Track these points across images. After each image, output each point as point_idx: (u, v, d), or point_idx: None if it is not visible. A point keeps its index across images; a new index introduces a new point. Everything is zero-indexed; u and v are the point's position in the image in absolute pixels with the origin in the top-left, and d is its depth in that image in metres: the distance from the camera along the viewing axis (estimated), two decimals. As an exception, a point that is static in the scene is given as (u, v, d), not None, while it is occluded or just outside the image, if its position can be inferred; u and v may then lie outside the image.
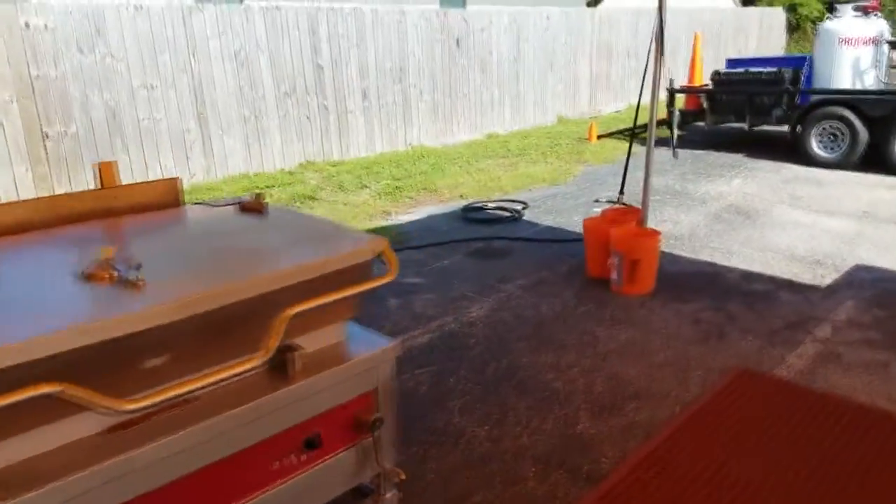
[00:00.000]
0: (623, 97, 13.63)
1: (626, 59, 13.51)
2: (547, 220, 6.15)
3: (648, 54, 4.40)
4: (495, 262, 5.05)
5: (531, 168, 8.34)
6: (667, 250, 5.13)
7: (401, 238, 5.63)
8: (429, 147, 9.64)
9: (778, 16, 18.24)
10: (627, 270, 4.28)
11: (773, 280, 4.45)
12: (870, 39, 7.85)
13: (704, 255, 5.01)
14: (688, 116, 9.22)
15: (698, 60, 9.54)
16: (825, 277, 4.46)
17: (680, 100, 9.54)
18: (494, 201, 6.77)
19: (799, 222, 5.76)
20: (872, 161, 7.44)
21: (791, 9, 19.02)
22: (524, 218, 6.26)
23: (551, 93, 11.92)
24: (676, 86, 9.24)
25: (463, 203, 6.70)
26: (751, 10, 18.24)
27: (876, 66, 7.91)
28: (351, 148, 8.90)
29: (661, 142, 9.58)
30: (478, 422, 2.92)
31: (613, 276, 4.35)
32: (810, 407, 3.01)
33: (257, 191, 3.79)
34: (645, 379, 3.23)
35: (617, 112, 13.24)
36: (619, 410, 2.97)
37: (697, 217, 6.06)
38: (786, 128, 8.25)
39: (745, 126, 8.54)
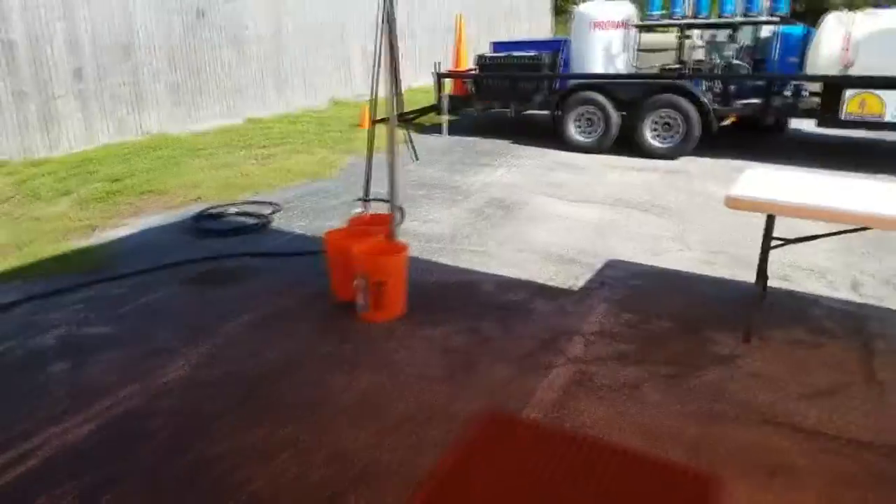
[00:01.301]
0: (413, 77, 13.14)
1: (403, 39, 12.99)
2: (300, 227, 5.33)
3: (377, 36, 3.73)
4: (222, 290, 4.11)
5: (291, 160, 7.42)
6: (426, 257, 4.60)
7: (107, 263, 4.45)
8: (171, 135, 8.25)
9: (544, -1, 19.06)
10: (374, 294, 3.63)
11: (528, 287, 4.11)
12: (620, 23, 8.06)
13: (464, 261, 4.55)
14: (457, 102, 8.91)
15: (463, 43, 9.26)
16: (579, 279, 4.22)
17: (450, 84, 9.22)
18: (239, 204, 5.78)
19: (557, 214, 5.60)
20: (626, 144, 7.69)
21: (555, -8, 19.99)
22: (273, 225, 5.38)
23: (322, 72, 11.02)
24: (443, 70, 8.86)
25: (198, 208, 5.62)
26: (520, -9, 18.79)
27: (626, 51, 8.17)
28: (62, 141, 7.25)
29: (434, 129, 9.22)
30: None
31: (360, 300, 3.68)
32: (563, 454, 2.59)
33: None
34: (372, 450, 2.59)
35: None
36: (333, 508, 2.28)
37: (461, 213, 5.66)
38: (548, 113, 8.26)
39: (511, 112, 8.41)
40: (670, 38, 8.40)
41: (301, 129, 8.99)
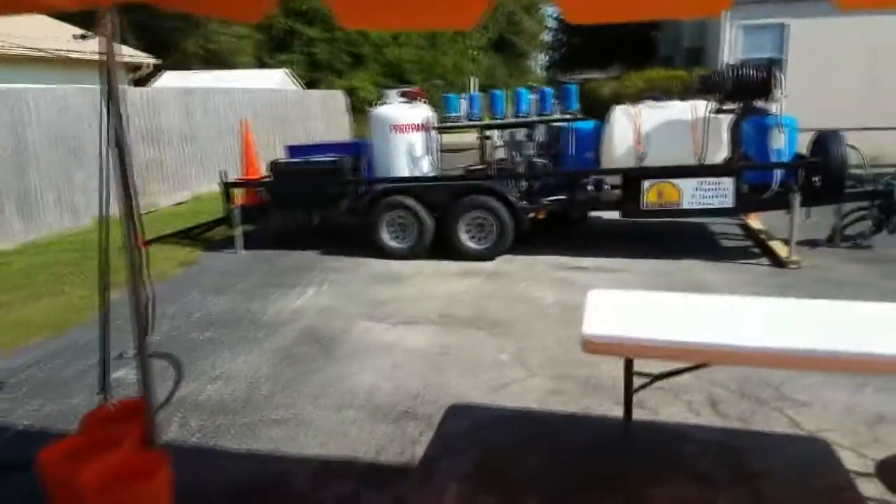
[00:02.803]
0: (184, 185, 11.77)
1: (182, 144, 11.72)
2: (29, 412, 3.84)
3: (102, 143, 2.65)
4: None
5: (30, 308, 5.77)
6: (208, 442, 3.43)
7: None
8: None
9: (339, 98, 18.94)
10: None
11: (354, 470, 3.13)
12: (419, 126, 7.74)
13: (265, 439, 3.45)
14: (252, 212, 7.87)
15: (251, 149, 8.34)
16: (417, 443, 3.34)
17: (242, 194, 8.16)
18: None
19: (383, 344, 4.75)
20: (442, 247, 7.18)
21: (350, 92, 20.07)
22: (-12, 413, 3.82)
23: (81, 186, 9.32)
24: (231, 178, 7.82)
25: None
26: (314, 92, 18.51)
27: (429, 153, 7.83)
28: None
29: (226, 244, 8.04)
30: None
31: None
32: None
33: None
34: None
35: (178, 205, 11.28)
36: None
37: (262, 359, 4.55)
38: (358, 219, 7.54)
39: (314, 220, 7.56)
40: (472, 138, 8.28)
41: (52, 261, 7.27)
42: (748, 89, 6.65)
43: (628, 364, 2.74)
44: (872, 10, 10.96)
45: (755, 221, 7.76)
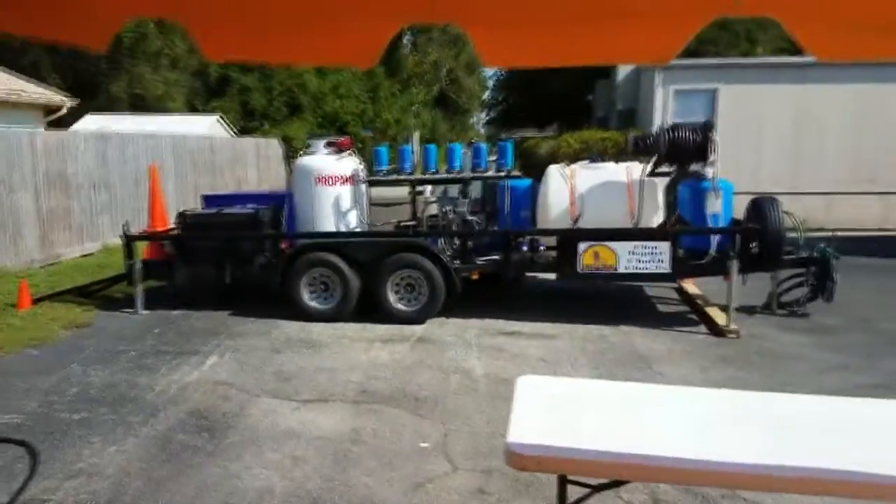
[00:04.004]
0: (94, 236, 10.83)
1: (92, 192, 10.84)
2: None
3: None
4: None
5: None
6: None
7: None
8: None
9: (274, 146, 18.37)
10: None
11: None
12: (347, 178, 7.26)
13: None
14: (156, 268, 7.12)
15: (159, 198, 7.65)
16: (310, 568, 2.72)
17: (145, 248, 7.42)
18: None
19: (284, 430, 4.10)
20: (369, 309, 6.62)
21: (287, 140, 19.54)
22: None
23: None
24: (134, 231, 7.09)
25: None
26: (246, 139, 17.89)
27: (357, 207, 7.34)
28: None
29: (128, 302, 7.22)
30: None
31: None
32: None
33: None
34: None
35: (85, 257, 10.33)
36: None
37: (137, 449, 3.83)
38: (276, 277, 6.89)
39: (226, 278, 6.87)
40: (403, 192, 7.85)
41: None
42: (683, 152, 6.51)
43: (562, 480, 2.25)
44: (845, 63, 11.41)
45: (691, 285, 7.57)
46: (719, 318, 6.28)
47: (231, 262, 6.82)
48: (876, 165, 12.31)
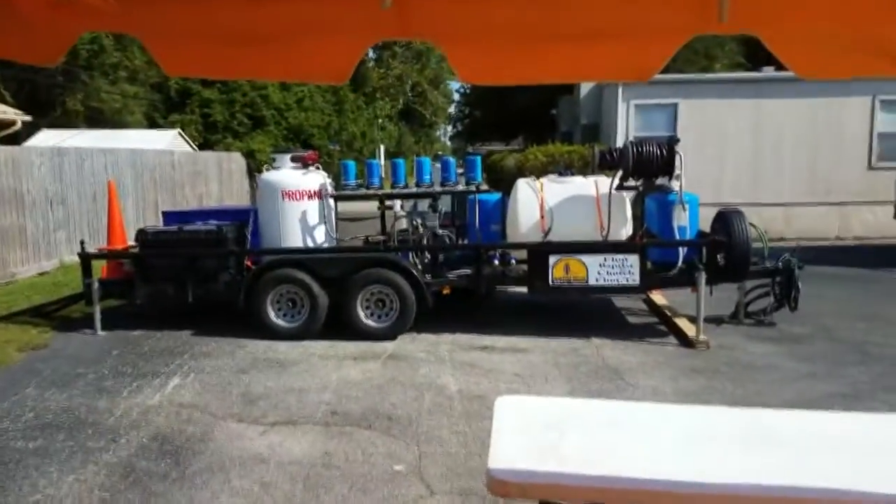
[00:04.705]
0: (51, 253, 10.45)
1: (49, 208, 10.47)
2: None
3: None
4: None
5: None
6: None
7: None
8: None
9: (237, 160, 18.07)
10: None
11: None
12: (314, 193, 7.13)
13: None
14: (115, 287, 6.87)
15: (117, 214, 7.39)
16: None
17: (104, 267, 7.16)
18: None
19: (251, 455, 3.95)
20: (338, 326, 6.49)
21: (250, 155, 19.25)
22: None
23: None
24: (93, 249, 6.83)
25: None
26: (208, 153, 17.56)
27: (325, 222, 7.22)
28: None
29: (86, 322, 6.95)
30: None
31: None
32: None
33: None
34: None
35: (41, 275, 9.94)
36: None
37: (95, 477, 3.64)
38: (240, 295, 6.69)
39: (189, 297, 6.65)
40: (372, 207, 7.76)
41: None
42: (649, 166, 6.58)
43: (544, 504, 2.19)
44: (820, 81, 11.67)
45: (658, 296, 7.64)
46: (689, 329, 6.33)
47: (193, 280, 6.61)
48: (832, 177, 12.70)
